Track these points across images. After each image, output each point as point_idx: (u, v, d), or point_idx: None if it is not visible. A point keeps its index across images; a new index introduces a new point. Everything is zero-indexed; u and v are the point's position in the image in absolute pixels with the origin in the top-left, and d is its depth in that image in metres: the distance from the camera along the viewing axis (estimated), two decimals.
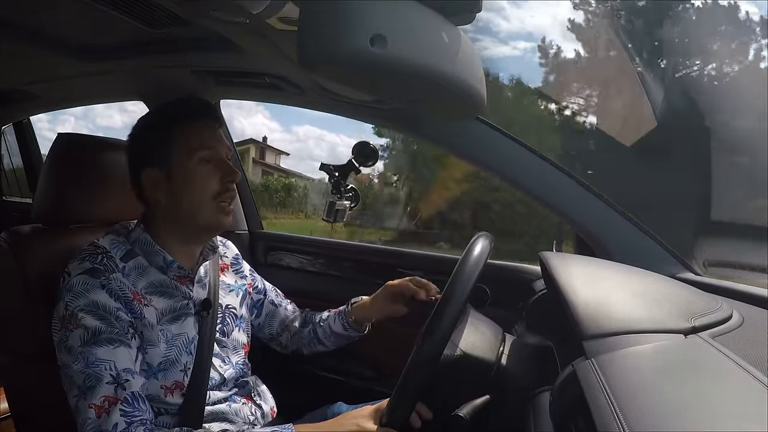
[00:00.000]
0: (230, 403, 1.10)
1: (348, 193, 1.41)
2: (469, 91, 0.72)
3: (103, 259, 0.98)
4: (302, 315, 1.35)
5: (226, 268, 1.23)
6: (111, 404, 0.88)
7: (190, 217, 1.05)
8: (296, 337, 1.32)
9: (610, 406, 0.55)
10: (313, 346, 1.31)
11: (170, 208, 1.05)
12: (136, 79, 1.49)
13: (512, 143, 1.29)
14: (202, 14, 0.95)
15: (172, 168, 1.03)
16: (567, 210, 1.28)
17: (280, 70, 1.25)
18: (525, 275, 1.41)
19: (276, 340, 1.35)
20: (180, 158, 1.03)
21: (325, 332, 1.29)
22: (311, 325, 1.31)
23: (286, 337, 1.33)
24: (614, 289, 0.92)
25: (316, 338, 1.30)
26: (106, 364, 0.91)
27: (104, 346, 0.92)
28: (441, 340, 0.86)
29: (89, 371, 0.90)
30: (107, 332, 0.93)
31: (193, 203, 1.04)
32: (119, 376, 0.91)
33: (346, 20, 0.55)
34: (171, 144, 1.03)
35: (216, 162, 1.06)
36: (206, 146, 1.05)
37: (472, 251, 0.95)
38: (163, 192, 1.04)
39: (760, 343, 0.75)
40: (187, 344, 1.04)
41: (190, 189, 1.03)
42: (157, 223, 1.07)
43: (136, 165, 1.06)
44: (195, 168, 1.03)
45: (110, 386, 0.90)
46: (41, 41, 1.23)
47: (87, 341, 0.92)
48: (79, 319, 0.93)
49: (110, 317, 0.94)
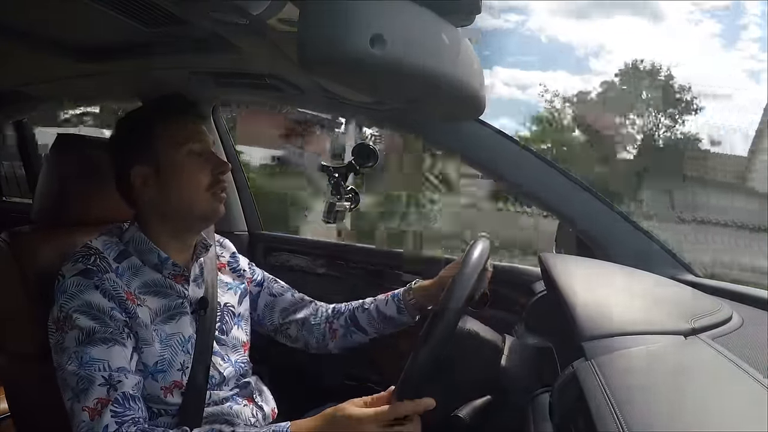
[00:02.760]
0: (232, 404, 1.09)
1: (348, 194, 1.41)
2: (469, 92, 0.72)
3: (96, 260, 0.98)
4: (311, 307, 1.30)
5: (223, 267, 1.22)
6: (103, 406, 0.88)
7: (185, 209, 1.05)
8: (306, 329, 1.27)
9: (609, 407, 0.55)
10: (349, 337, 1.26)
11: (162, 203, 1.05)
12: (134, 81, 1.48)
13: (512, 145, 1.29)
14: (202, 15, 0.95)
15: (160, 163, 1.03)
16: (567, 211, 1.28)
17: (279, 71, 1.25)
18: (525, 276, 1.41)
19: (282, 333, 1.29)
20: (167, 152, 1.04)
21: (370, 317, 1.24)
22: (342, 316, 1.26)
23: (294, 328, 1.28)
24: (614, 291, 0.93)
25: (354, 326, 1.25)
26: (100, 364, 0.90)
27: (99, 346, 0.92)
28: (439, 346, 0.85)
29: (82, 373, 0.90)
30: (101, 332, 0.93)
31: (186, 195, 1.04)
32: (111, 377, 0.90)
33: (345, 21, 0.55)
34: (156, 139, 1.04)
35: (206, 155, 1.06)
36: (193, 139, 1.06)
37: (472, 254, 0.95)
38: (153, 188, 1.04)
39: (759, 345, 0.75)
40: (183, 343, 1.04)
41: (181, 181, 1.04)
42: (151, 221, 1.07)
43: (124, 165, 1.06)
44: (183, 160, 1.04)
45: (102, 388, 0.89)
46: (38, 42, 1.23)
47: (81, 341, 0.92)
48: (74, 321, 0.93)
49: (104, 317, 0.94)
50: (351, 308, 1.27)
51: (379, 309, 1.24)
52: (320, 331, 1.27)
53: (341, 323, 1.26)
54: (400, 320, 1.23)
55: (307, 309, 1.29)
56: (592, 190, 1.27)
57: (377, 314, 1.24)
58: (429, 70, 0.63)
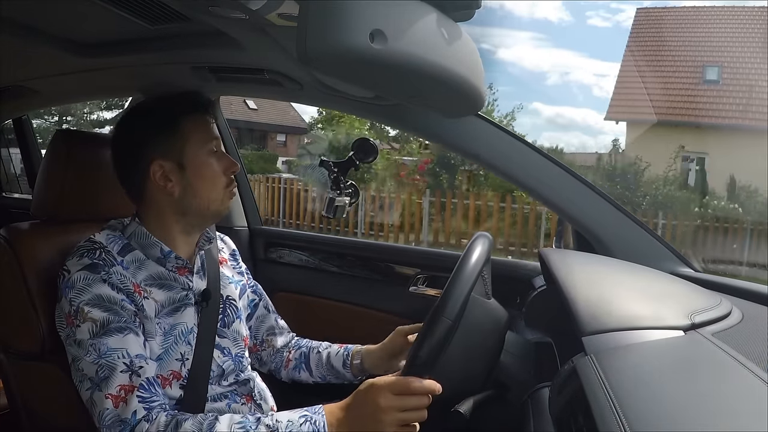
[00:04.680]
0: (230, 402, 1.09)
1: (347, 189, 1.41)
2: (468, 86, 0.72)
3: (101, 254, 0.98)
4: (288, 336, 1.30)
5: (225, 261, 1.23)
6: (128, 392, 0.88)
7: (203, 207, 1.06)
8: (277, 355, 1.28)
9: (609, 403, 0.55)
10: (297, 372, 1.25)
11: (181, 198, 1.05)
12: (136, 76, 1.48)
13: (512, 140, 1.29)
14: (202, 10, 0.95)
15: (185, 159, 1.04)
16: (566, 207, 1.28)
17: (279, 66, 1.24)
18: (524, 271, 1.41)
19: (256, 353, 1.29)
20: (194, 149, 1.05)
21: (319, 360, 1.23)
22: (299, 350, 1.26)
23: (267, 352, 1.28)
24: (614, 286, 0.93)
25: (304, 363, 1.24)
26: (119, 353, 0.91)
27: (115, 335, 0.92)
28: (438, 344, 0.85)
29: (102, 361, 0.90)
30: (116, 321, 0.93)
31: (206, 193, 1.06)
32: (132, 363, 0.91)
33: (345, 16, 0.55)
34: (183, 136, 1.05)
35: (219, 154, 1.09)
36: (214, 138, 1.08)
37: (472, 250, 0.95)
38: (174, 183, 1.04)
39: (759, 340, 0.75)
40: (185, 334, 1.04)
41: (205, 179, 1.06)
42: (161, 215, 1.07)
43: (140, 157, 1.04)
44: (207, 159, 1.06)
45: (125, 374, 0.90)
46: (41, 37, 1.23)
47: (96, 333, 0.92)
48: (86, 313, 0.93)
49: (116, 307, 0.94)
50: (309, 346, 1.26)
51: (329, 356, 1.22)
52: (282, 356, 1.28)
53: (295, 356, 1.26)
54: (343, 375, 1.22)
55: (285, 338, 1.30)
56: (591, 185, 1.27)
57: (326, 361, 1.22)
58: (429, 65, 0.63)
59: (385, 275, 1.63)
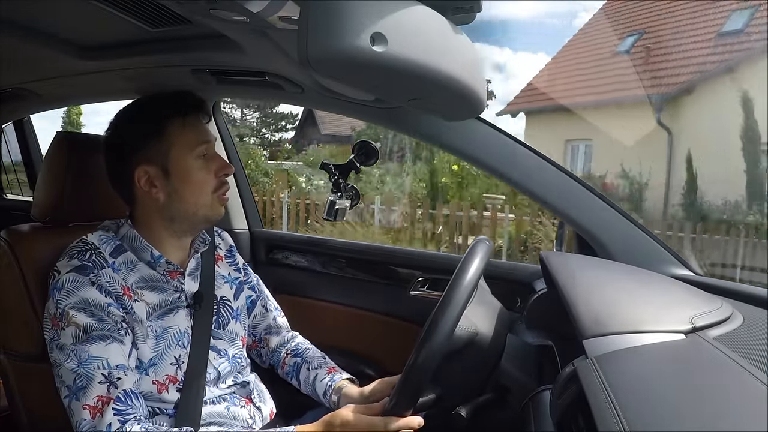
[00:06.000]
0: (228, 405, 1.09)
1: (348, 192, 1.41)
2: (468, 90, 0.72)
3: (91, 256, 0.98)
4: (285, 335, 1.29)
5: (221, 259, 1.22)
6: (105, 404, 0.88)
7: (190, 212, 1.05)
8: (273, 354, 1.28)
9: (610, 406, 0.55)
10: (289, 377, 1.25)
11: (169, 204, 1.04)
12: (136, 78, 1.48)
13: (512, 143, 1.29)
14: (203, 13, 0.95)
15: (170, 164, 1.03)
16: (567, 210, 1.28)
17: (280, 69, 1.24)
18: (525, 274, 1.41)
19: (256, 350, 1.30)
20: (179, 154, 1.03)
21: (307, 378, 1.21)
22: (295, 357, 1.25)
23: (265, 351, 1.29)
24: (615, 289, 0.92)
25: (296, 373, 1.24)
26: (99, 362, 0.90)
27: (97, 343, 0.92)
28: (440, 344, 0.85)
29: (80, 370, 0.90)
30: (99, 329, 0.92)
31: (193, 199, 1.04)
32: (111, 375, 0.90)
33: (346, 18, 0.55)
34: (168, 140, 1.03)
35: (210, 157, 1.07)
36: (202, 141, 1.06)
37: (473, 254, 0.95)
38: (159, 189, 1.03)
39: (760, 343, 0.75)
40: (178, 337, 1.03)
41: (190, 185, 1.04)
42: (149, 219, 1.06)
43: (126, 161, 1.04)
44: (193, 164, 1.04)
45: (102, 386, 0.89)
46: (41, 40, 1.23)
47: (79, 339, 0.92)
48: (71, 317, 0.93)
49: (101, 313, 0.94)
50: (303, 357, 1.25)
51: (316, 378, 1.20)
52: (279, 356, 1.27)
53: (290, 362, 1.26)
54: (320, 400, 1.19)
55: (281, 337, 1.29)
56: (591, 188, 1.27)
57: (312, 381, 1.20)
58: (430, 67, 0.63)
59: (386, 278, 1.63)
